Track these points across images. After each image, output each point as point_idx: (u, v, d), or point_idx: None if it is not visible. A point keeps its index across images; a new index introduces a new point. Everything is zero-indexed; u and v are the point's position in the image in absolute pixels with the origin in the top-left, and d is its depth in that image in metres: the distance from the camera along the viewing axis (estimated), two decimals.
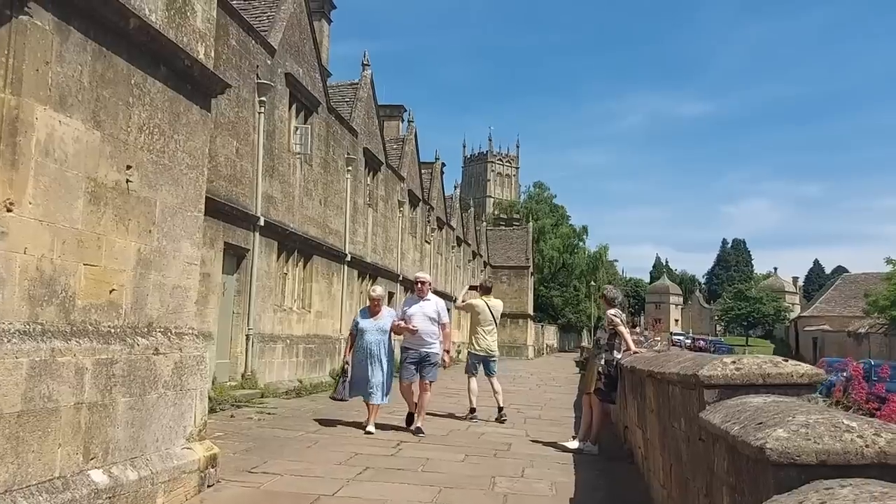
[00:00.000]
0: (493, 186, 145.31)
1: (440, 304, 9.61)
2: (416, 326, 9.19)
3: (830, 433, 2.37)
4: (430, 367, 9.34)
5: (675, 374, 4.27)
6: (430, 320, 9.32)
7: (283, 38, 15.01)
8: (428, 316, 9.32)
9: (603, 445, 8.69)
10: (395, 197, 25.37)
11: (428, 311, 9.36)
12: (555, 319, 69.70)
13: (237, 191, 12.87)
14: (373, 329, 9.13)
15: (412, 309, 9.40)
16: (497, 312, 11.63)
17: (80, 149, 4.71)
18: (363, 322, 9.21)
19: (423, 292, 9.55)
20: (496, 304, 11.78)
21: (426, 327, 9.27)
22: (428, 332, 9.28)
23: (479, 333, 11.31)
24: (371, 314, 9.30)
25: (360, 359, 9.12)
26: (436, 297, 9.72)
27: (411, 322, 9.24)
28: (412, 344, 9.33)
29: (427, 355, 9.30)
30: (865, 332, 44.72)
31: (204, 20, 6.21)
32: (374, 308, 9.32)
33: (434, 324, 9.36)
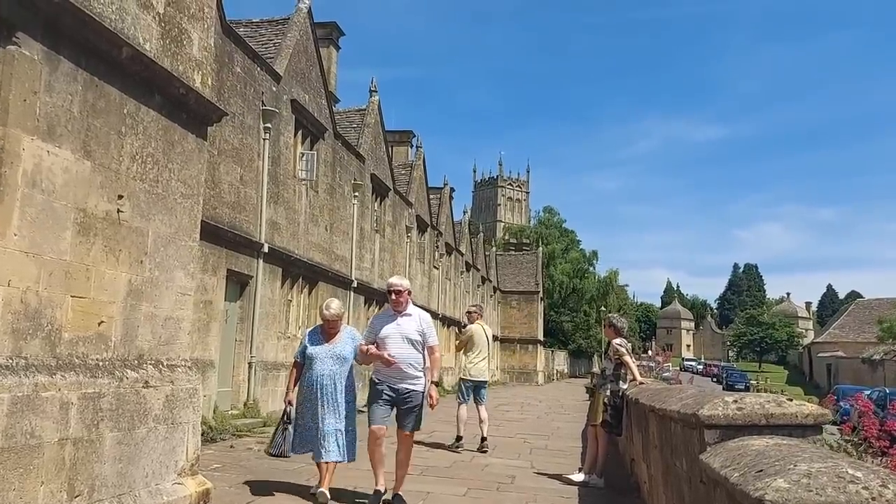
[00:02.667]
0: (503, 211, 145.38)
1: (425, 319, 6.85)
2: (392, 354, 6.49)
3: (834, 484, 2.23)
4: (412, 411, 6.62)
5: (676, 412, 4.11)
6: (412, 344, 6.60)
7: (290, 65, 15.06)
8: (408, 338, 6.58)
9: (608, 478, 8.48)
10: (402, 222, 25.33)
11: (408, 330, 6.60)
12: (565, 345, 69.20)
13: (241, 217, 12.83)
14: (326, 357, 6.69)
15: (387, 329, 6.64)
16: (491, 337, 11.27)
17: (69, 179, 4.64)
18: (313, 348, 6.78)
19: (401, 305, 6.72)
20: (488, 330, 11.29)
21: (406, 354, 6.55)
22: (409, 360, 6.57)
23: (472, 360, 10.79)
24: (325, 337, 6.90)
25: (307, 398, 6.71)
26: (418, 310, 6.95)
27: (385, 348, 6.54)
28: (386, 377, 6.59)
29: (408, 394, 6.58)
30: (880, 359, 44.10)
31: (200, 48, 6.17)
32: (330, 330, 6.90)
33: (417, 348, 6.64)
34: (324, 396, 6.67)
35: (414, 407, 6.62)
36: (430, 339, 6.77)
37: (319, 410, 6.66)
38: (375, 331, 6.73)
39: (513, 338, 52.24)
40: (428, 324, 6.84)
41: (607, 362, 8.80)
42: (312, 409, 6.70)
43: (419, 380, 6.64)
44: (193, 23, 6.07)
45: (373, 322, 7.04)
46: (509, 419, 17.68)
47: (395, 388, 6.57)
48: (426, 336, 6.74)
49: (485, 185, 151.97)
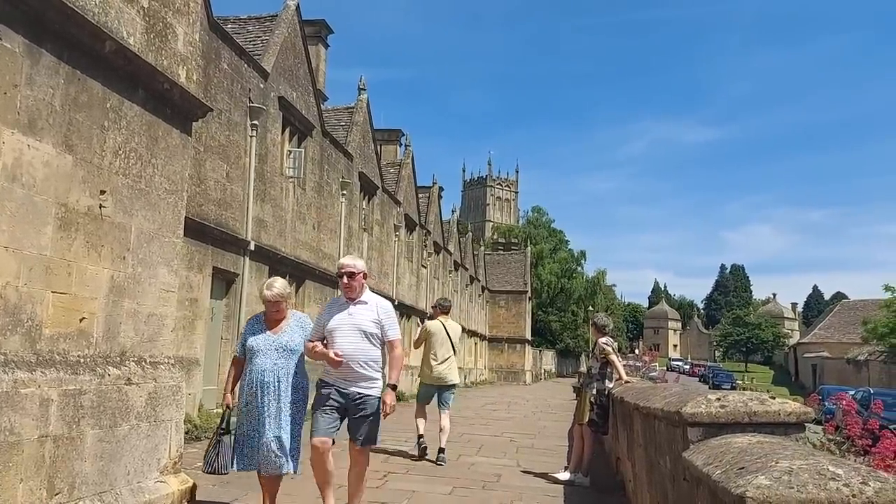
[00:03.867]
0: (492, 211, 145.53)
1: (383, 307, 5.55)
2: (340, 351, 5.30)
3: (815, 481, 2.23)
4: (365, 420, 5.37)
5: (660, 410, 4.12)
6: (367, 338, 5.39)
7: (277, 62, 14.99)
8: (362, 331, 5.38)
9: (594, 476, 8.49)
10: (391, 221, 25.29)
11: (362, 321, 5.40)
12: (553, 344, 69.39)
13: (227, 215, 12.76)
14: (268, 349, 5.44)
15: (336, 319, 5.42)
16: (455, 336, 9.94)
17: (50, 173, 4.59)
18: (253, 338, 5.51)
19: (353, 290, 5.45)
20: (454, 327, 10.07)
21: (359, 350, 5.35)
22: (362, 357, 5.35)
23: (432, 359, 9.67)
24: (268, 325, 5.57)
25: (247, 400, 5.43)
26: (377, 297, 5.67)
27: (334, 342, 5.36)
28: (335, 379, 5.39)
29: (360, 400, 5.36)
30: (865, 360, 44.44)
31: (186, 43, 6.12)
32: (274, 315, 5.56)
33: (374, 343, 5.43)
34: (266, 397, 5.35)
35: (368, 415, 5.34)
36: (389, 333, 5.49)
37: (260, 415, 5.36)
38: (323, 322, 5.46)
39: (501, 337, 52.33)
40: (388, 313, 5.51)
41: (593, 361, 8.80)
42: (253, 413, 5.38)
43: (375, 382, 5.41)
44: (178, 17, 6.02)
45: (322, 312, 5.66)
46: (496, 418, 17.69)
47: (344, 392, 5.34)
48: (385, 328, 5.45)
49: (474, 185, 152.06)
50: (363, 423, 5.39)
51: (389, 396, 5.36)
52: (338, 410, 5.38)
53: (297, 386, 5.52)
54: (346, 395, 5.37)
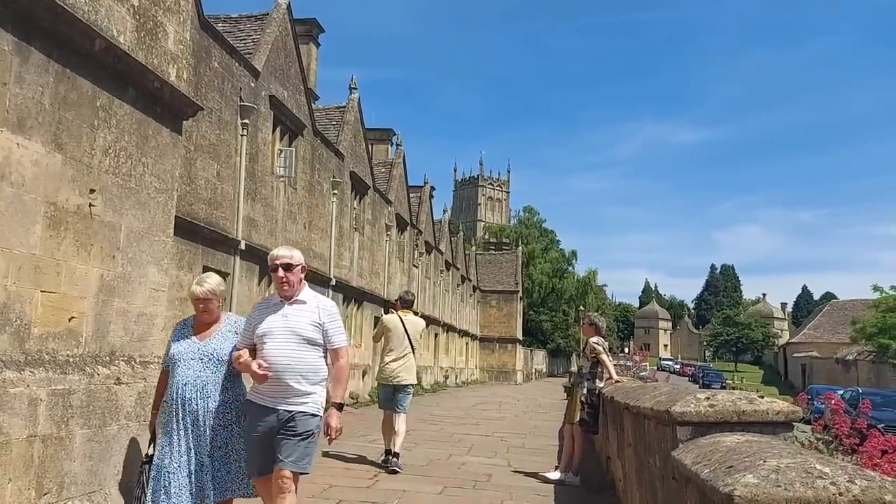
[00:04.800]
0: (483, 210, 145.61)
1: (326, 308, 4.60)
2: (269, 361, 4.35)
3: (802, 479, 2.24)
4: (295, 440, 4.36)
5: (650, 409, 4.13)
6: (304, 344, 4.43)
7: (268, 61, 14.96)
8: (299, 335, 4.43)
9: (585, 476, 8.52)
10: (382, 220, 25.27)
11: (299, 324, 4.45)
12: (544, 344, 69.47)
13: (217, 214, 12.72)
14: (191, 357, 4.53)
15: (268, 322, 4.47)
16: (415, 332, 9.10)
17: (39, 172, 4.57)
18: (177, 345, 4.62)
19: (290, 287, 4.53)
20: (415, 323, 9.23)
21: (294, 359, 4.39)
22: (297, 368, 4.39)
23: (388, 357, 8.92)
24: (196, 330, 4.68)
25: (167, 419, 4.50)
26: (318, 296, 4.72)
27: (263, 350, 4.41)
28: (264, 395, 4.43)
29: (291, 419, 4.37)
30: (853, 359, 44.70)
31: (176, 42, 6.11)
32: (202, 317, 4.66)
33: (313, 350, 4.46)
34: (186, 416, 4.40)
35: (299, 434, 4.31)
36: (333, 338, 4.50)
37: (180, 438, 4.41)
38: (253, 326, 4.47)
39: (492, 337, 52.36)
40: (331, 315, 4.54)
41: (584, 361, 8.83)
42: (171, 436, 4.43)
43: (310, 397, 4.38)
44: (169, 16, 6.01)
45: (251, 313, 4.63)
46: (487, 417, 17.71)
47: (276, 410, 4.34)
48: (328, 333, 4.47)
49: (465, 185, 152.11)
50: (292, 443, 4.31)
51: (335, 418, 4.43)
52: (265, 437, 4.34)
53: (229, 404, 4.53)
54: (275, 417, 4.32)
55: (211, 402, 4.48)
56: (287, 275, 4.49)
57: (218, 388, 4.53)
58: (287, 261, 4.51)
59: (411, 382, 9.01)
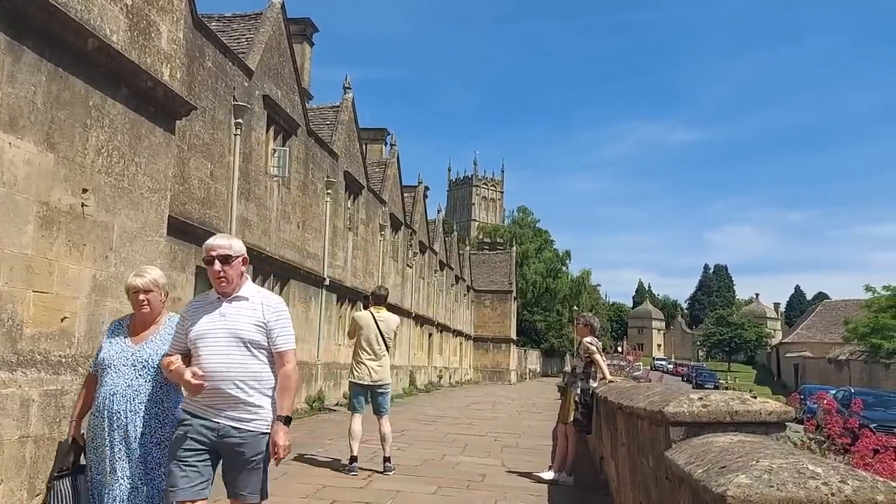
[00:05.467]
0: (477, 210, 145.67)
1: (272, 305, 3.90)
2: (205, 369, 3.66)
3: (794, 480, 2.25)
4: (247, 467, 3.71)
5: (643, 409, 4.14)
6: (246, 347, 3.75)
7: (262, 60, 14.93)
8: (239, 337, 3.74)
9: (578, 476, 8.53)
10: (376, 220, 25.25)
11: (239, 324, 3.77)
12: (538, 344, 69.56)
13: (211, 214, 12.69)
14: (123, 363, 3.92)
15: (203, 323, 3.79)
16: (388, 330, 8.63)
17: (31, 171, 4.55)
18: (108, 348, 3.99)
19: (228, 282, 3.83)
20: (388, 320, 8.70)
21: (234, 364, 3.71)
22: (237, 374, 3.70)
23: (360, 356, 8.47)
24: (132, 330, 4.05)
25: (93, 435, 3.93)
26: (263, 292, 4.04)
27: (198, 356, 3.73)
28: (199, 407, 3.73)
29: (235, 438, 3.69)
30: (846, 359, 44.88)
31: (169, 41, 6.09)
32: (140, 315, 4.04)
33: (255, 354, 3.76)
34: (114, 431, 3.81)
35: (250, 459, 3.64)
36: (280, 340, 3.77)
37: (109, 455, 3.81)
38: (186, 328, 3.77)
39: (486, 337, 52.41)
40: (278, 313, 3.81)
41: (578, 360, 8.84)
42: (100, 452, 3.85)
43: (259, 411, 3.67)
44: (162, 15, 5.99)
45: (184, 312, 3.91)
46: (481, 417, 17.72)
47: (212, 426, 3.63)
48: (274, 334, 3.76)
49: (459, 185, 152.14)
50: (245, 472, 3.65)
51: (282, 435, 3.66)
52: (204, 454, 3.63)
53: (164, 418, 3.90)
54: (215, 432, 3.62)
55: (143, 415, 3.85)
56: (225, 269, 3.76)
57: (153, 399, 3.89)
58: (225, 252, 3.79)
59: (386, 382, 8.62)
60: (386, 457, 8.47)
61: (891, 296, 40.03)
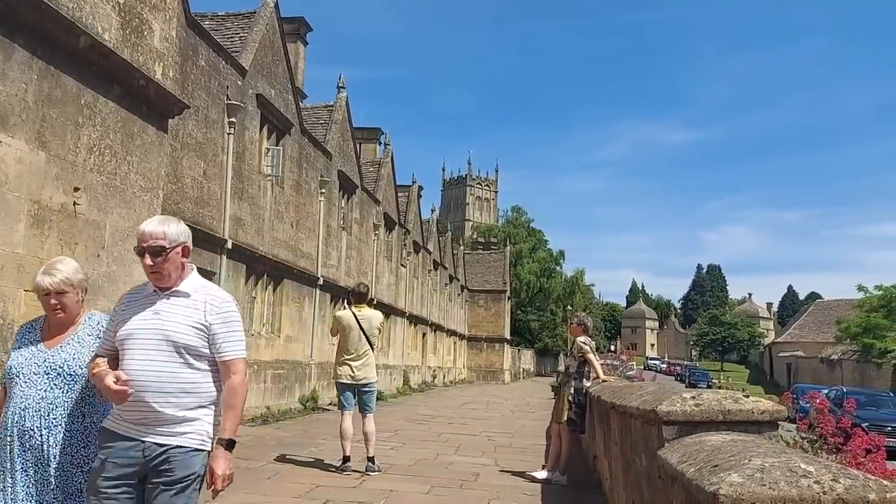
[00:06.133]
0: (471, 210, 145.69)
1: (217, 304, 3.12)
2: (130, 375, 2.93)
3: (786, 478, 2.25)
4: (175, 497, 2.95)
5: (636, 408, 4.14)
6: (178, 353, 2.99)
7: (255, 59, 14.90)
8: (171, 341, 2.99)
9: (572, 475, 8.53)
10: (370, 220, 25.23)
11: (174, 325, 3.02)
12: (531, 344, 69.63)
13: (204, 213, 12.66)
14: (37, 372, 3.21)
15: (134, 321, 3.05)
16: (371, 327, 8.46)
17: (22, 170, 4.53)
18: (18, 355, 3.30)
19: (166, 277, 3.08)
20: (370, 317, 8.55)
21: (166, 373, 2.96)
22: (169, 385, 2.96)
23: (342, 356, 8.38)
24: (46, 333, 3.35)
25: None
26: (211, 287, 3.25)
27: (124, 360, 3.01)
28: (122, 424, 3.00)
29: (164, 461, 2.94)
30: (838, 359, 45.06)
31: (162, 39, 6.07)
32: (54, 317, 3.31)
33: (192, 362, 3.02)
34: (26, 453, 3.13)
35: (180, 481, 2.96)
36: (225, 347, 3.07)
37: (17, 483, 3.12)
38: (115, 326, 3.10)
39: (480, 336, 52.42)
40: (224, 313, 3.11)
41: (571, 360, 8.85)
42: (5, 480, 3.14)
43: (192, 425, 3.00)
44: (155, 13, 5.97)
45: (117, 306, 3.23)
46: (475, 417, 17.73)
47: (137, 448, 2.95)
48: (218, 340, 3.06)
49: (453, 184, 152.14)
50: (171, 497, 2.96)
51: (222, 461, 2.97)
52: (129, 484, 2.94)
53: (86, 435, 3.19)
54: (142, 454, 2.94)
55: (61, 432, 3.13)
56: (158, 263, 3.02)
57: (74, 413, 3.19)
58: (158, 243, 3.01)
59: (372, 381, 8.52)
60: (369, 456, 8.37)
61: (883, 296, 40.24)
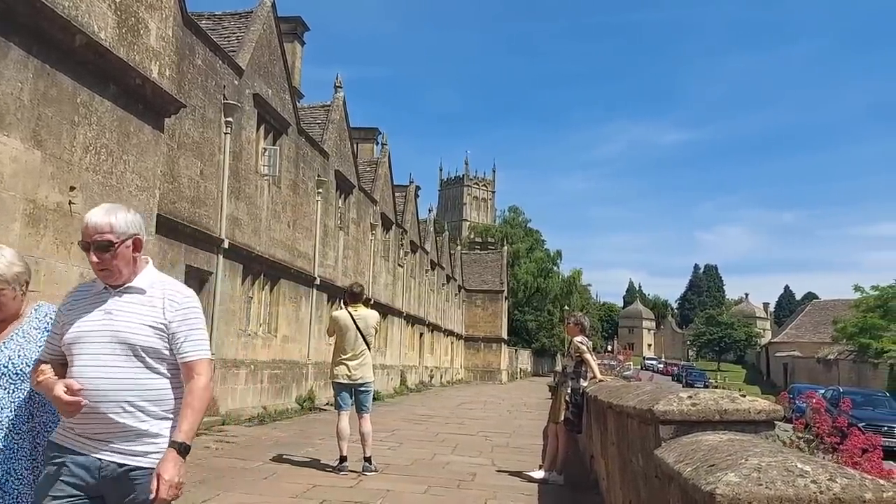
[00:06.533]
0: (468, 210, 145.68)
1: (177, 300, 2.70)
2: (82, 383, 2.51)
3: (783, 478, 2.25)
4: None
5: (633, 408, 4.14)
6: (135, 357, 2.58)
7: (252, 59, 14.88)
8: (127, 343, 2.58)
9: (569, 475, 8.53)
10: (367, 220, 25.21)
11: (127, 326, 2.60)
12: (529, 344, 69.64)
13: (201, 212, 12.64)
14: None
15: (83, 323, 2.62)
16: (367, 327, 8.46)
17: (18, 169, 4.51)
18: None
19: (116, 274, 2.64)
20: (366, 317, 8.54)
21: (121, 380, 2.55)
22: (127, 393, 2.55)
23: (338, 356, 8.38)
24: None
25: None
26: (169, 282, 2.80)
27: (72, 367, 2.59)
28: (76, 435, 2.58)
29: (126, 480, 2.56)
30: (834, 359, 45.13)
31: (158, 38, 6.05)
32: None
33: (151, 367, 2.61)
34: None
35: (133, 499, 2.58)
36: (186, 347, 2.67)
37: None
38: (62, 328, 2.69)
39: (477, 336, 52.42)
40: (184, 311, 2.71)
41: (568, 360, 8.85)
42: None
43: (155, 442, 2.61)
44: (151, 12, 5.95)
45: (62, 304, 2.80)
46: (472, 417, 17.73)
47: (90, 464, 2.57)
48: (178, 339, 2.66)
49: (451, 184, 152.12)
50: None
51: (171, 466, 2.50)
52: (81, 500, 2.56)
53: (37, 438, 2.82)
54: (96, 471, 2.56)
55: (4, 438, 2.75)
56: (105, 260, 2.61)
57: (19, 415, 2.80)
58: (104, 237, 2.60)
59: (369, 380, 8.51)
60: (366, 457, 8.35)
61: (879, 296, 40.31)
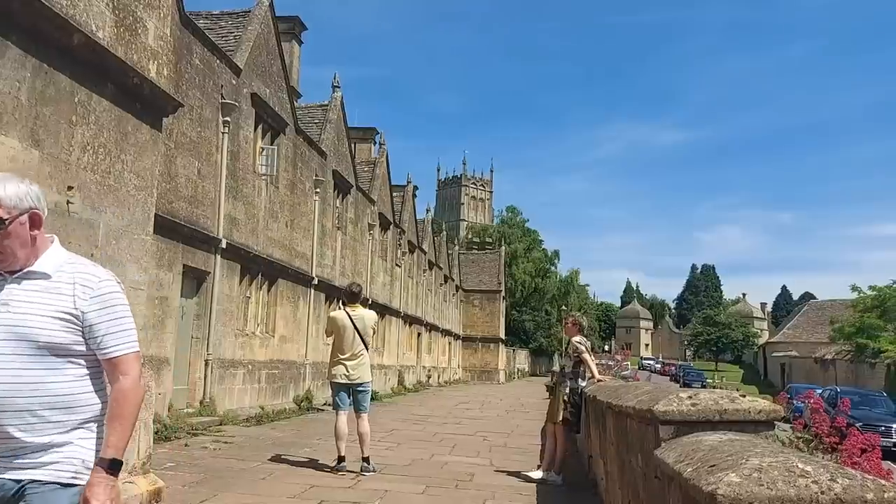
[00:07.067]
0: (466, 210, 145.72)
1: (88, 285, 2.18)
2: None
3: (784, 478, 2.24)
4: None
5: (632, 408, 4.13)
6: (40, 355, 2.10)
7: (250, 59, 14.86)
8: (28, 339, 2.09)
9: (567, 475, 8.53)
10: (365, 220, 25.20)
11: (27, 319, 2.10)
12: (526, 343, 69.67)
13: (198, 212, 12.62)
14: None
15: None
16: (365, 327, 8.44)
17: (15, 168, 4.49)
18: None
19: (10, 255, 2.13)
20: (364, 317, 8.52)
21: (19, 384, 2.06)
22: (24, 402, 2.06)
23: (336, 356, 8.38)
24: None
25: None
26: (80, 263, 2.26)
27: None
28: None
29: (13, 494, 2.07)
30: (832, 359, 45.18)
31: (156, 37, 6.04)
32: None
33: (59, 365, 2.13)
34: None
35: None
36: (108, 341, 2.19)
37: None
38: None
39: (475, 336, 52.43)
40: (101, 298, 2.20)
41: (566, 360, 8.84)
42: None
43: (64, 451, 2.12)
44: (149, 11, 5.94)
45: None
46: (470, 417, 17.73)
47: None
48: (98, 332, 2.18)
49: (448, 184, 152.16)
50: None
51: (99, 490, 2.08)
52: None
53: None
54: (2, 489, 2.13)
55: None
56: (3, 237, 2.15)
57: None
58: None
59: (367, 381, 8.49)
60: (364, 456, 8.33)
61: (876, 296, 40.36)
